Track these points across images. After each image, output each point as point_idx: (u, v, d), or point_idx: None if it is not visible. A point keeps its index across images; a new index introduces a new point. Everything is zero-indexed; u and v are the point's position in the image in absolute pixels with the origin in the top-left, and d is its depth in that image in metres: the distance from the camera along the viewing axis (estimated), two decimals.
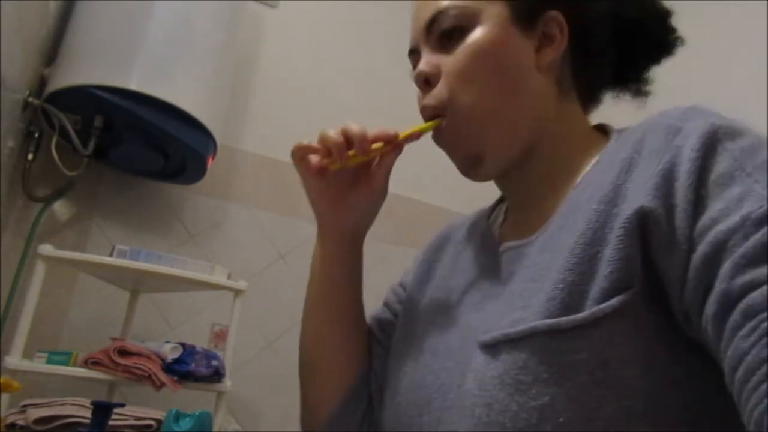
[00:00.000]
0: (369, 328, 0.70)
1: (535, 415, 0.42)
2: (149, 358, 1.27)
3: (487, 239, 0.63)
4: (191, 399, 1.38)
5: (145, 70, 1.44)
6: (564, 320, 0.43)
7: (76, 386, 1.34)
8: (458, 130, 0.57)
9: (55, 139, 1.51)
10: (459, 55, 0.56)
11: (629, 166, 0.47)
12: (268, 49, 2.04)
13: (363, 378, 0.66)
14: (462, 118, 0.56)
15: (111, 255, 1.35)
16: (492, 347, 0.48)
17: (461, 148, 0.59)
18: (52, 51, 1.51)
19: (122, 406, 0.85)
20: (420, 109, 0.60)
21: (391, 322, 0.69)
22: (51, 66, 1.50)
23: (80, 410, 1.14)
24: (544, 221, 0.54)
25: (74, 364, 1.26)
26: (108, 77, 1.40)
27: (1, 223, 1.46)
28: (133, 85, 1.41)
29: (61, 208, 1.66)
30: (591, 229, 0.45)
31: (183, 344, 1.33)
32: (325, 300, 0.67)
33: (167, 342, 1.33)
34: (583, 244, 0.45)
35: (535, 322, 0.44)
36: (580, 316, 0.43)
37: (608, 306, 0.42)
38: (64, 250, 1.35)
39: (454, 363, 0.53)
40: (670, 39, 0.61)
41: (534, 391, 0.43)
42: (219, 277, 1.45)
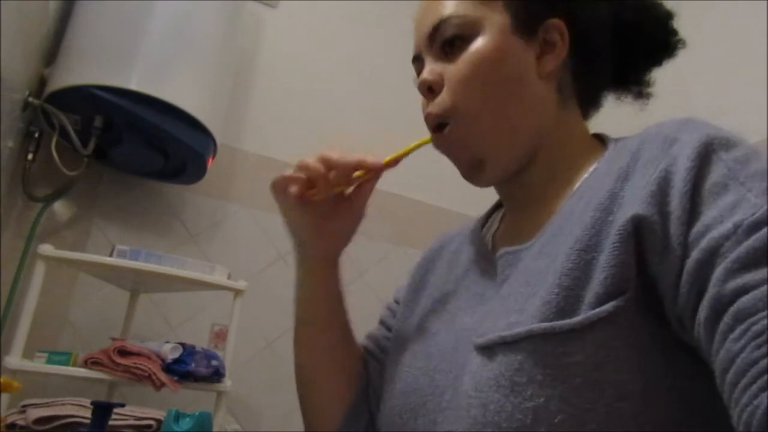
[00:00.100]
0: (366, 347, 0.71)
1: (530, 416, 0.43)
2: (149, 358, 1.27)
3: (482, 246, 0.64)
4: (191, 399, 1.38)
5: (145, 70, 1.45)
6: (559, 324, 0.44)
7: (76, 386, 1.34)
8: (461, 137, 0.58)
9: (55, 139, 1.51)
10: (461, 64, 0.57)
11: (625, 175, 0.47)
12: (268, 49, 2.04)
13: (361, 395, 0.67)
14: (465, 126, 0.57)
15: (111, 255, 1.35)
16: (488, 349, 0.48)
17: (464, 155, 0.59)
18: (52, 51, 1.51)
19: (122, 406, 0.84)
20: (424, 117, 0.61)
21: (388, 338, 0.70)
22: (51, 66, 1.50)
23: (80, 410, 1.14)
24: (540, 227, 0.55)
25: (74, 364, 1.26)
26: (108, 77, 1.40)
27: (1, 223, 1.46)
28: (133, 85, 1.41)
29: (61, 208, 1.66)
30: (587, 235, 0.46)
31: (183, 344, 1.33)
32: (311, 322, 0.68)
33: (167, 342, 1.33)
34: (579, 250, 0.46)
35: (532, 325, 0.45)
36: (575, 320, 0.43)
37: (602, 311, 0.43)
38: (64, 250, 1.35)
39: (449, 365, 0.54)
40: (672, 41, 0.61)
41: (529, 392, 0.44)
42: (219, 277, 1.45)
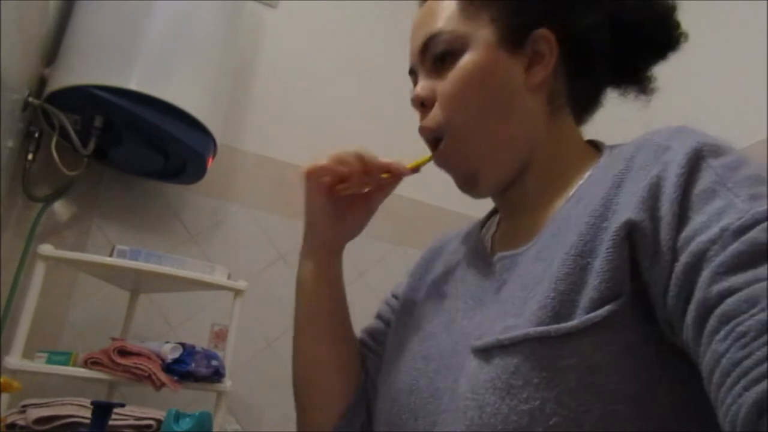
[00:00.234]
0: (363, 340, 0.71)
1: (526, 418, 0.44)
2: (149, 358, 1.27)
3: (480, 249, 0.64)
4: (191, 399, 1.38)
5: (145, 70, 1.45)
6: (555, 328, 0.44)
7: (76, 386, 1.34)
8: (454, 153, 0.60)
9: (55, 139, 1.51)
10: (450, 81, 0.58)
11: (620, 182, 0.48)
12: (268, 49, 2.04)
13: (360, 393, 0.67)
14: (457, 141, 0.59)
15: (111, 255, 1.35)
16: (485, 352, 0.49)
17: (458, 170, 0.61)
18: (52, 51, 1.51)
19: (122, 406, 0.84)
20: (419, 130, 0.62)
21: (385, 333, 0.70)
22: (51, 66, 1.50)
23: (80, 410, 1.14)
24: (536, 232, 0.55)
25: (74, 364, 1.26)
26: (108, 77, 1.40)
27: (1, 223, 1.46)
28: (133, 85, 1.41)
29: (61, 208, 1.66)
30: (582, 241, 0.47)
31: (183, 344, 1.33)
32: (315, 315, 0.68)
33: (167, 342, 1.33)
34: (574, 255, 0.46)
35: (528, 329, 0.46)
36: (570, 324, 0.44)
37: (597, 315, 0.43)
38: (64, 250, 1.35)
39: (447, 367, 0.54)
40: (674, 35, 0.61)
41: (525, 395, 0.44)
42: (219, 277, 1.45)
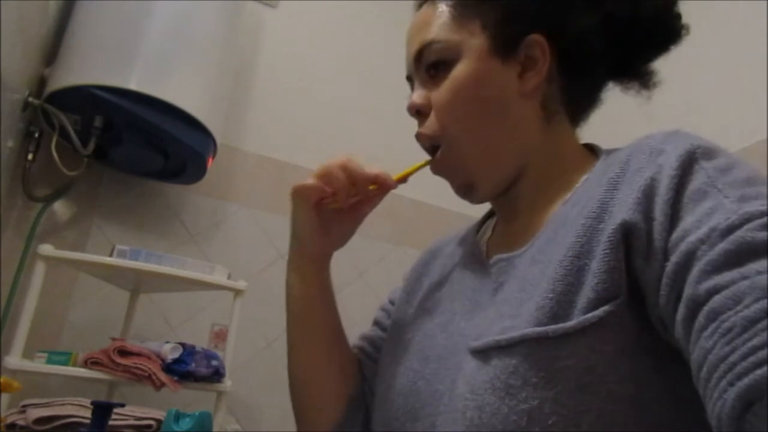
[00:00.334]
0: (360, 347, 0.71)
1: (525, 418, 0.44)
2: (149, 358, 1.27)
3: (477, 252, 0.64)
4: (191, 399, 1.38)
5: (145, 70, 1.44)
6: (552, 328, 0.45)
7: (76, 386, 1.34)
8: (451, 161, 0.60)
9: (55, 139, 1.51)
10: (444, 90, 0.59)
11: (615, 185, 0.49)
12: (268, 48, 2.04)
13: (359, 394, 0.67)
14: (453, 150, 0.60)
15: (111, 255, 1.35)
16: (483, 353, 0.49)
17: (455, 178, 0.62)
18: (52, 51, 1.51)
19: (122, 406, 0.84)
20: (416, 136, 0.62)
21: (383, 338, 0.70)
22: (51, 66, 1.50)
23: (80, 410, 1.14)
24: (533, 234, 0.56)
25: (74, 364, 1.26)
26: (108, 77, 1.40)
27: (1, 223, 1.46)
28: (133, 85, 1.41)
29: (61, 208, 1.66)
30: (579, 242, 0.47)
31: (183, 344, 1.33)
32: (305, 320, 0.68)
33: (167, 342, 1.33)
34: (571, 257, 0.47)
35: (526, 330, 0.46)
36: (568, 325, 0.45)
37: (594, 316, 0.44)
38: (64, 250, 1.35)
39: (446, 369, 0.55)
40: (675, 27, 0.61)
41: (523, 395, 0.44)
42: (219, 277, 1.45)
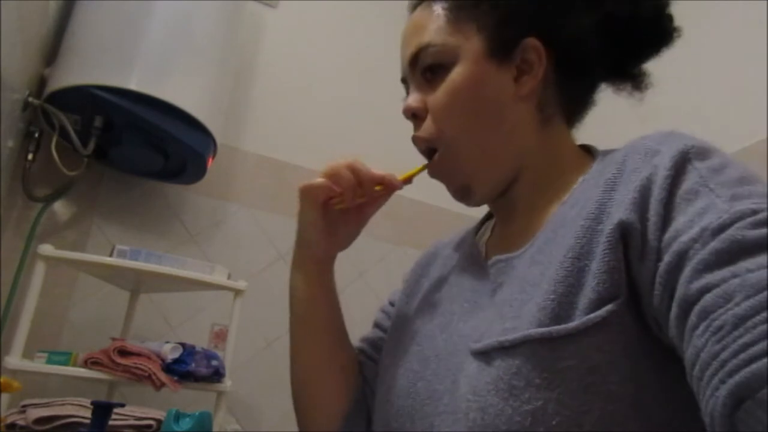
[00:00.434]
0: (361, 349, 0.72)
1: (528, 419, 0.44)
2: (149, 358, 1.27)
3: (475, 253, 0.65)
4: (191, 399, 1.38)
5: (145, 70, 1.44)
6: (555, 329, 0.45)
7: (76, 386, 1.34)
8: (447, 165, 0.61)
9: (55, 139, 1.51)
10: (440, 94, 0.59)
11: (612, 185, 0.49)
12: (268, 49, 2.04)
13: (360, 395, 0.67)
14: (450, 153, 0.60)
15: (111, 255, 1.35)
16: (485, 354, 0.49)
17: (452, 181, 0.62)
18: (52, 51, 1.51)
19: (122, 406, 0.84)
20: (412, 139, 0.62)
21: (383, 340, 0.70)
22: (51, 66, 1.50)
23: (80, 410, 1.14)
24: (532, 235, 0.56)
25: (74, 364, 1.26)
26: (108, 77, 1.40)
27: (1, 223, 1.46)
28: (133, 85, 1.41)
29: (61, 208, 1.66)
30: (579, 243, 0.48)
31: (183, 344, 1.33)
32: (309, 320, 0.68)
33: (167, 342, 1.33)
34: (571, 258, 0.47)
35: (528, 331, 0.46)
36: (570, 326, 0.45)
37: (596, 316, 0.44)
38: (64, 250, 1.35)
39: (445, 370, 0.55)
40: (668, 30, 0.61)
41: (527, 396, 0.45)
42: (219, 277, 1.45)
